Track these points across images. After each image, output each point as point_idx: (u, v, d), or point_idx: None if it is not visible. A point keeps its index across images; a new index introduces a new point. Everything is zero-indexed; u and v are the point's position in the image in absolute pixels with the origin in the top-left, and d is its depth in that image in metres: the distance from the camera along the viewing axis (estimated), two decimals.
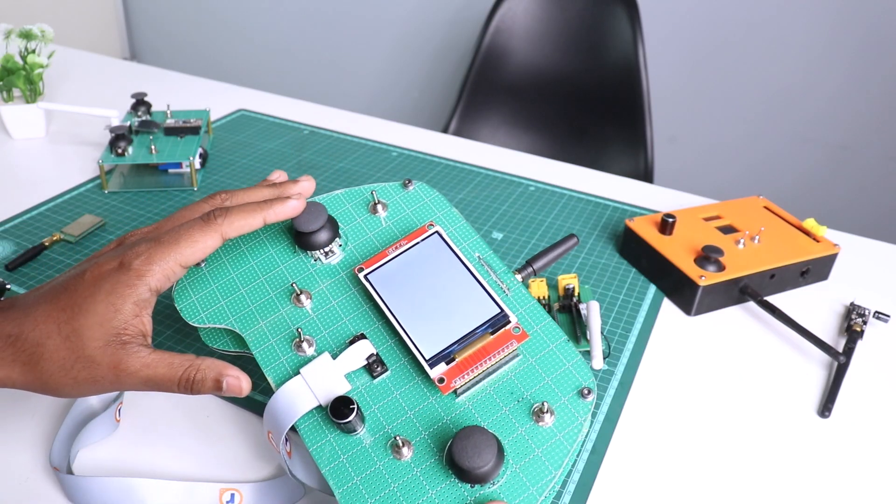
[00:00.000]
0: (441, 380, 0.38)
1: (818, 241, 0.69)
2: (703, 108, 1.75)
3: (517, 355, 0.40)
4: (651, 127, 1.37)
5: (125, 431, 0.49)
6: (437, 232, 0.43)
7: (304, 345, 0.41)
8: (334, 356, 0.40)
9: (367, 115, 1.04)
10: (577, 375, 0.39)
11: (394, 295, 0.41)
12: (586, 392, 0.38)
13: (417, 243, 0.43)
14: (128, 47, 2.37)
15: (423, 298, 0.41)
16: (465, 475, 0.35)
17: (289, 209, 0.43)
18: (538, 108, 1.51)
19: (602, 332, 0.60)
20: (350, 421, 0.37)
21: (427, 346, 0.39)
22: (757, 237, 0.68)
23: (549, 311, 0.59)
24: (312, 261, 0.45)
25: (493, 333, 0.39)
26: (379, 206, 0.46)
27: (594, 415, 0.52)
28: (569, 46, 1.46)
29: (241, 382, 0.39)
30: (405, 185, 0.47)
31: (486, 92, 1.49)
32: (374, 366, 0.40)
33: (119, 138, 0.78)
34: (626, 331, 0.61)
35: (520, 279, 0.43)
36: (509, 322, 0.39)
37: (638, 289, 0.67)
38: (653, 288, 0.67)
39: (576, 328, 0.57)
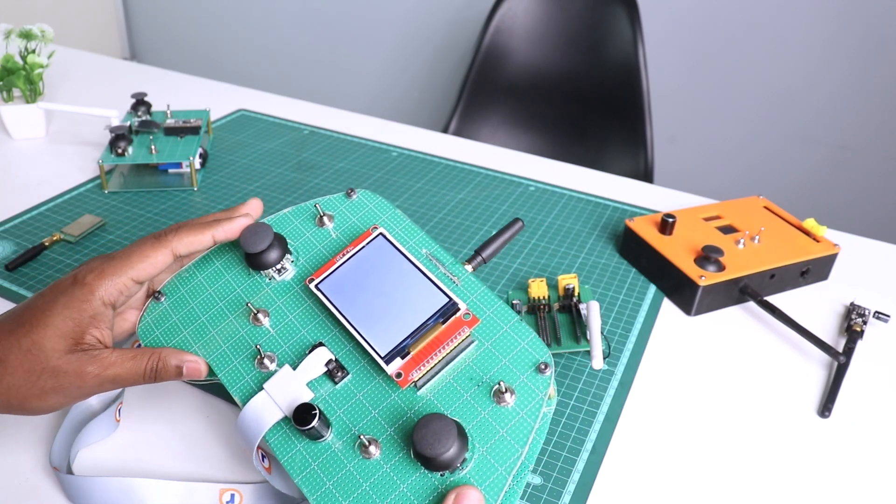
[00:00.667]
0: (399, 374, 0.39)
1: (818, 241, 0.69)
2: (702, 108, 1.74)
3: (472, 341, 0.40)
4: (651, 127, 1.37)
5: (125, 431, 0.49)
6: (381, 234, 0.44)
7: (266, 361, 0.42)
8: (294, 367, 0.41)
9: (367, 115, 1.04)
10: (533, 352, 0.40)
11: (345, 300, 0.42)
12: (543, 367, 0.39)
13: (363, 247, 0.44)
14: (128, 47, 2.37)
15: (374, 299, 0.42)
16: (431, 463, 0.36)
17: (236, 226, 0.45)
18: (538, 108, 1.51)
19: (602, 332, 0.60)
20: (313, 427, 0.37)
21: (381, 344, 0.40)
22: (757, 237, 0.68)
23: (549, 311, 0.59)
24: (267, 280, 0.46)
25: (444, 322, 0.40)
26: (325, 219, 0.47)
27: (594, 414, 0.52)
28: (569, 46, 1.45)
29: (199, 366, 0.42)
30: (349, 195, 0.48)
31: (486, 92, 1.49)
32: (334, 371, 0.41)
33: (119, 138, 0.78)
34: (626, 331, 0.61)
35: (470, 269, 0.44)
36: (459, 309, 0.40)
37: (638, 289, 0.67)
38: (653, 288, 0.67)
39: (576, 328, 0.57)
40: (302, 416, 0.38)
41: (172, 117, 0.86)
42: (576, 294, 0.60)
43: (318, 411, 0.38)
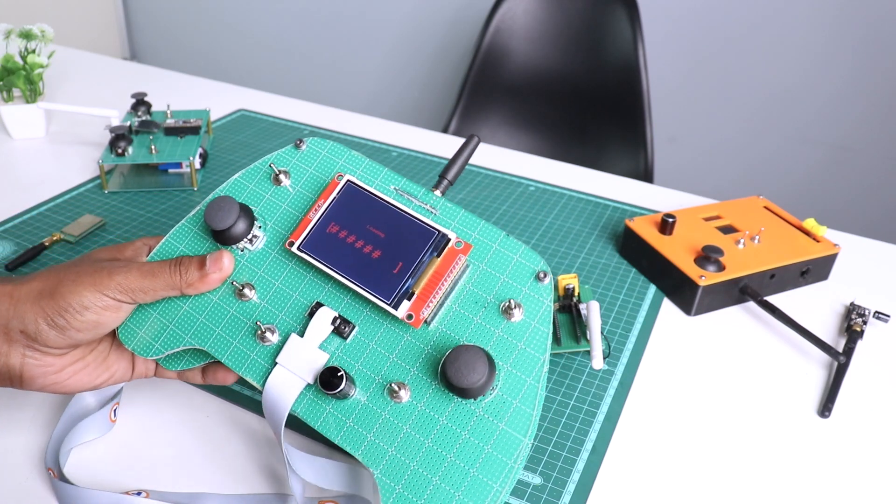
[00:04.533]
0: (409, 316, 0.39)
1: (818, 241, 0.68)
2: (703, 108, 1.74)
3: (467, 266, 0.41)
4: (651, 127, 1.37)
5: (121, 432, 0.49)
6: (348, 181, 0.43)
7: (268, 334, 0.41)
8: (301, 333, 0.40)
9: (367, 115, 1.04)
10: (528, 263, 0.40)
11: (332, 255, 0.41)
12: (542, 276, 0.40)
13: (335, 198, 0.43)
14: (128, 47, 2.37)
15: (360, 248, 0.41)
16: (467, 392, 0.37)
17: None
18: (538, 108, 1.51)
19: (602, 332, 0.60)
20: (343, 388, 0.37)
21: (383, 291, 0.40)
22: (757, 237, 0.68)
23: None
24: (239, 252, 0.43)
25: (439, 256, 0.40)
26: (281, 176, 0.45)
27: (594, 414, 0.52)
28: (569, 46, 1.45)
29: (221, 253, 0.42)
30: (298, 146, 0.46)
31: (486, 92, 1.49)
32: (341, 327, 0.40)
33: (119, 138, 0.78)
34: (626, 331, 0.61)
35: (439, 194, 0.43)
36: (450, 239, 0.40)
37: (638, 289, 0.67)
38: (653, 288, 0.67)
39: (576, 328, 0.57)
40: (329, 381, 0.37)
41: (172, 117, 0.86)
42: (576, 294, 0.60)
43: (343, 372, 0.38)
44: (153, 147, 0.80)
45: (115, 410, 0.49)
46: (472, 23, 1.81)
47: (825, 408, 0.53)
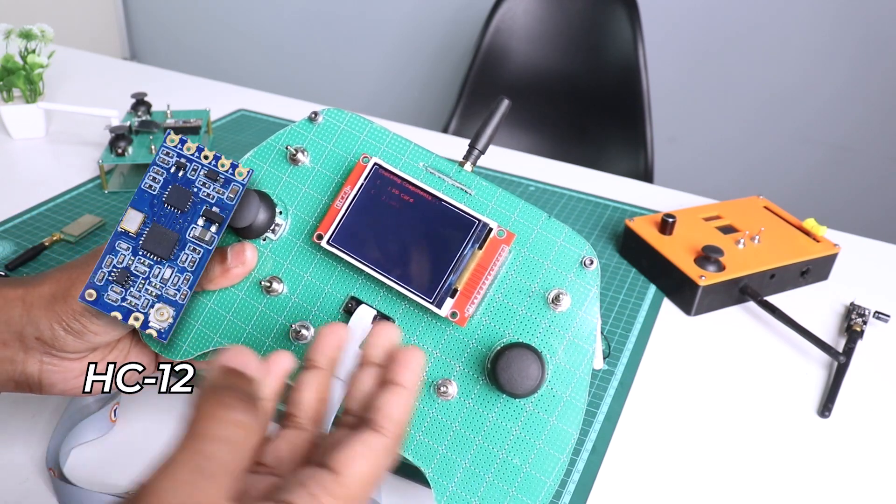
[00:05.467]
0: (454, 314, 0.37)
1: (818, 241, 0.69)
2: (703, 108, 1.74)
3: (510, 252, 0.39)
4: (651, 127, 1.37)
5: (121, 432, 0.49)
6: (376, 164, 0.39)
7: (303, 331, 0.39)
8: None
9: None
10: (573, 248, 0.39)
11: (366, 249, 0.38)
12: (588, 262, 0.38)
13: (363, 185, 0.39)
14: (128, 47, 2.36)
15: (396, 240, 0.38)
16: (520, 397, 0.36)
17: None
18: (538, 108, 1.51)
19: (602, 332, 0.60)
20: None
21: (425, 288, 0.37)
22: (757, 237, 0.68)
23: None
24: (262, 242, 0.41)
25: (480, 248, 0.37)
26: (299, 155, 0.41)
27: (594, 414, 0.52)
28: (569, 46, 1.45)
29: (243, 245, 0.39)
30: (313, 120, 0.42)
31: (486, 92, 1.49)
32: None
33: (119, 138, 0.78)
34: (626, 331, 0.61)
35: (470, 168, 0.41)
36: (491, 229, 0.38)
37: (638, 289, 0.67)
38: (653, 288, 0.67)
39: None
40: None
41: (172, 117, 0.86)
42: None
43: None
44: (153, 147, 0.80)
45: (115, 410, 0.49)
46: (472, 23, 1.81)
47: (825, 408, 0.53)
